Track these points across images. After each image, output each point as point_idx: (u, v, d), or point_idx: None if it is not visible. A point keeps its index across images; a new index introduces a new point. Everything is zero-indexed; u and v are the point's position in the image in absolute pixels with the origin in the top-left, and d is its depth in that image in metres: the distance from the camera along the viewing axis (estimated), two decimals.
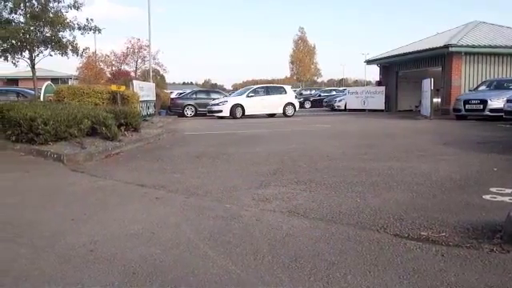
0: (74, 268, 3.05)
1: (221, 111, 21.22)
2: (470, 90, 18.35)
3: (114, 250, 3.38)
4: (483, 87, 17.81)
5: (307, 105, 34.65)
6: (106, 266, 3.07)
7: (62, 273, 2.97)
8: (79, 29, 15.41)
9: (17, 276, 2.92)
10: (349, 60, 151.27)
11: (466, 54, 19.31)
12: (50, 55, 15.61)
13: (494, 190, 5.06)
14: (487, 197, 4.78)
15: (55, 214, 4.41)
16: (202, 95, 25.38)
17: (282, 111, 22.28)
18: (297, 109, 23.16)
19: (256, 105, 21.68)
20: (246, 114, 21.38)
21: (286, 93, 23.00)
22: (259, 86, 25.18)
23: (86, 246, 3.46)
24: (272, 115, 22.34)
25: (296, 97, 25.99)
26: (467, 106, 16.57)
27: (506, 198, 4.70)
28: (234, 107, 21.21)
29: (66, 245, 3.51)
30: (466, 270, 2.95)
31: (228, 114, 20.99)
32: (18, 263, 3.13)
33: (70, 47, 15.37)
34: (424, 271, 2.92)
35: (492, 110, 15.68)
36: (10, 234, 3.78)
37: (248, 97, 21.96)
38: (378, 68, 27.43)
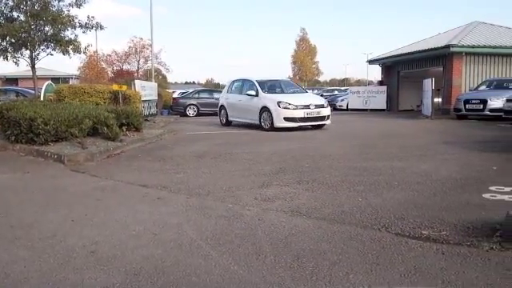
0: (74, 269, 3.04)
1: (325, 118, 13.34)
2: (470, 90, 18.31)
3: (115, 250, 3.39)
4: (483, 87, 17.78)
5: None
6: (107, 267, 3.07)
7: (62, 274, 2.97)
8: (80, 27, 15.39)
9: (17, 278, 2.92)
10: (351, 60, 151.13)
11: (467, 54, 19.28)
12: (51, 54, 15.60)
13: (493, 188, 5.08)
14: (487, 195, 4.79)
15: (55, 215, 4.41)
16: (205, 95, 25.25)
17: None
18: None
19: None
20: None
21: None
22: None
23: (87, 248, 3.46)
24: None
25: None
26: (467, 106, 16.55)
27: (506, 197, 4.72)
28: None
29: (67, 246, 3.50)
30: (466, 268, 2.96)
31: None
32: (18, 265, 3.13)
33: (72, 46, 15.35)
34: (425, 270, 2.93)
35: (492, 110, 15.67)
36: (10, 236, 3.78)
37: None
38: (380, 68, 27.40)
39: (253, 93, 13.85)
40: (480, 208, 4.30)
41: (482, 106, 16.06)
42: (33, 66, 15.48)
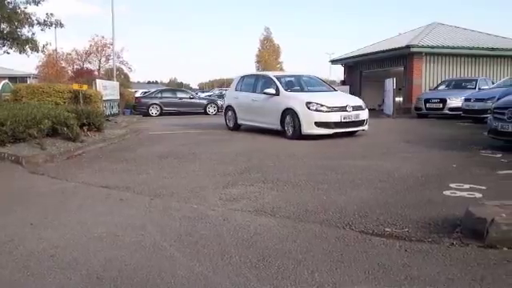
0: (33, 275, 2.94)
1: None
2: (430, 90, 18.84)
3: (77, 254, 3.29)
4: (443, 87, 18.34)
5: None
6: (68, 271, 2.98)
7: (21, 280, 2.86)
8: (39, 24, 14.89)
9: None
10: (314, 59, 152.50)
11: (427, 54, 19.84)
12: (7, 53, 15.05)
13: (453, 185, 5.22)
14: (447, 192, 4.92)
15: (13, 219, 4.25)
16: (168, 94, 24.99)
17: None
18: None
19: None
20: None
21: None
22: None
23: (47, 252, 3.35)
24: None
25: None
26: (428, 105, 17.03)
27: (465, 193, 4.85)
28: None
29: (25, 251, 3.38)
30: (428, 263, 3.02)
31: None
32: None
33: (29, 44, 14.85)
34: (388, 266, 2.98)
35: (451, 109, 16.19)
36: None
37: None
38: (343, 68, 27.80)
39: (271, 91, 11.37)
40: (441, 205, 4.41)
41: (441, 105, 16.57)
42: None
